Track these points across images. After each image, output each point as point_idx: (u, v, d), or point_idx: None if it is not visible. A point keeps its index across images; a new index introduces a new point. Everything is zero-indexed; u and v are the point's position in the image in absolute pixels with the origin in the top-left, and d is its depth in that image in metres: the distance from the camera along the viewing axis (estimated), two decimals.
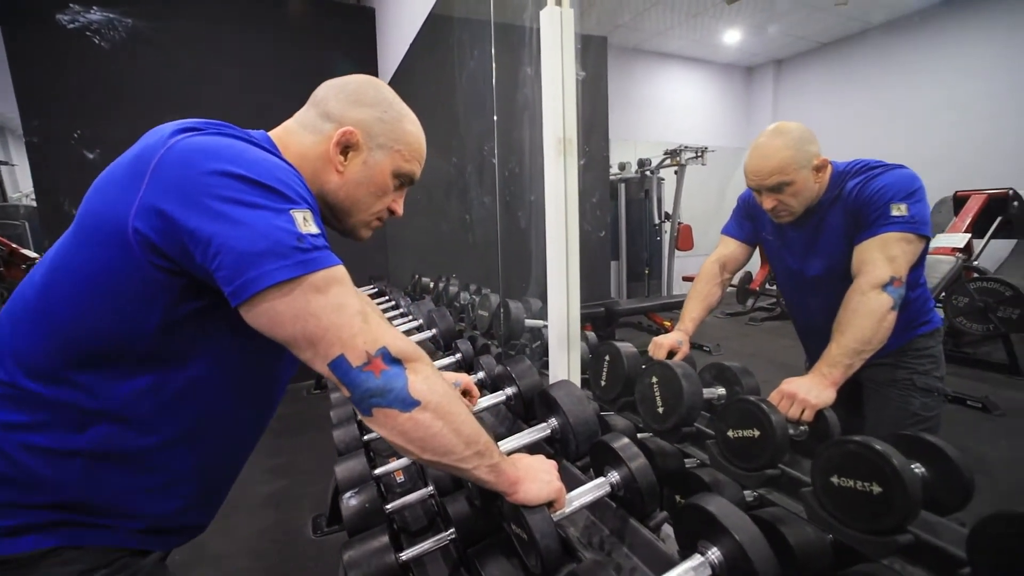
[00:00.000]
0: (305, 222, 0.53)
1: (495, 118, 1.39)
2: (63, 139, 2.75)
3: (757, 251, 1.45)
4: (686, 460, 1.01)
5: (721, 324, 5.12)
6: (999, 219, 3.48)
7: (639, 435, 1.09)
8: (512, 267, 1.61)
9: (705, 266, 1.41)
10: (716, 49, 6.03)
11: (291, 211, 0.53)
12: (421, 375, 0.56)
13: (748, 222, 1.41)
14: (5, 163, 4.30)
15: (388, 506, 1.10)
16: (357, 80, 0.72)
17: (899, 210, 1.05)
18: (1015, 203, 3.49)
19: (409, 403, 0.54)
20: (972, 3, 4.49)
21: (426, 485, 1.12)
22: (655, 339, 1.28)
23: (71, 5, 2.66)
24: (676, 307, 4.18)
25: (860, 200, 1.10)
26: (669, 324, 3.97)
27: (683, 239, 5.13)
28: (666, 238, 5.26)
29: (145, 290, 0.54)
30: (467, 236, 2.10)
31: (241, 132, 0.62)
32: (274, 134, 0.69)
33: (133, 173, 0.53)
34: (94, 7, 2.71)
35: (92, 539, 0.59)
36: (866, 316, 0.99)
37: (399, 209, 0.78)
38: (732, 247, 1.41)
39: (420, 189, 2.98)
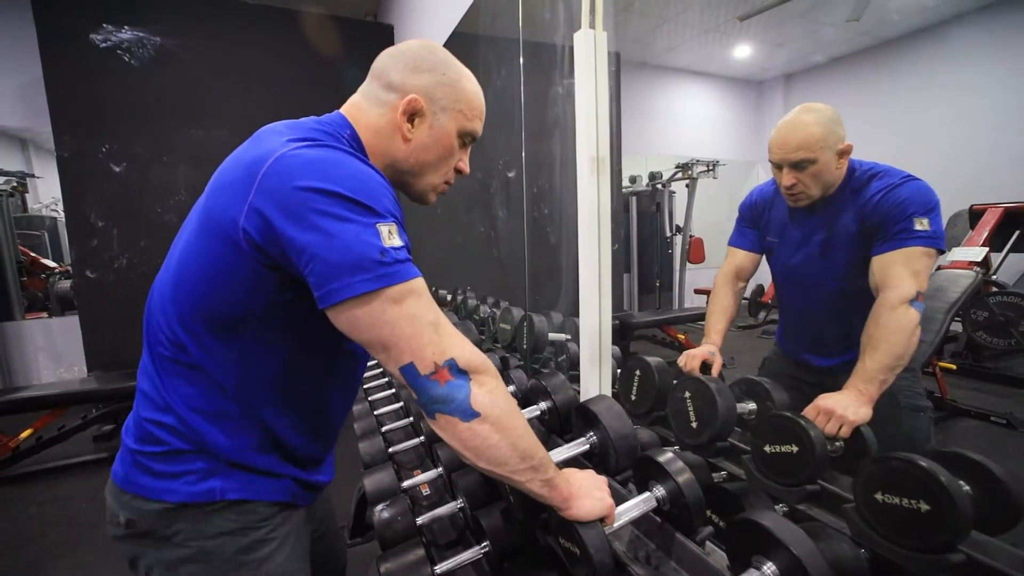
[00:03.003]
0: (390, 235, 0.57)
1: (523, 136, 1.41)
2: (91, 154, 2.83)
3: (767, 263, 1.47)
4: (712, 473, 1.02)
5: (734, 337, 5.10)
6: (1017, 232, 3.46)
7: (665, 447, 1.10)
8: (538, 281, 1.62)
9: (718, 279, 1.44)
10: (726, 64, 6.09)
11: (378, 225, 0.57)
12: (485, 388, 0.59)
13: (751, 229, 1.43)
14: (32, 176, 4.39)
15: (419, 519, 1.11)
16: (414, 46, 0.74)
17: (922, 224, 1.05)
18: None
19: (469, 414, 0.57)
20: (980, 19, 4.52)
21: (454, 498, 1.13)
22: (687, 352, 1.29)
23: (104, 25, 2.75)
24: (690, 320, 4.18)
25: (882, 209, 1.10)
26: (683, 337, 3.97)
27: (695, 252, 5.13)
28: (677, 251, 5.26)
29: (255, 280, 0.61)
30: (491, 250, 2.12)
31: (332, 131, 0.68)
32: (346, 112, 0.73)
33: (247, 177, 0.59)
34: (125, 27, 2.80)
35: (255, 493, 0.70)
36: (899, 332, 1.00)
37: (465, 168, 0.81)
38: (740, 257, 1.43)
39: (439, 203, 3.02)
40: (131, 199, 2.92)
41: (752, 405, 1.10)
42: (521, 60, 1.43)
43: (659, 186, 5.17)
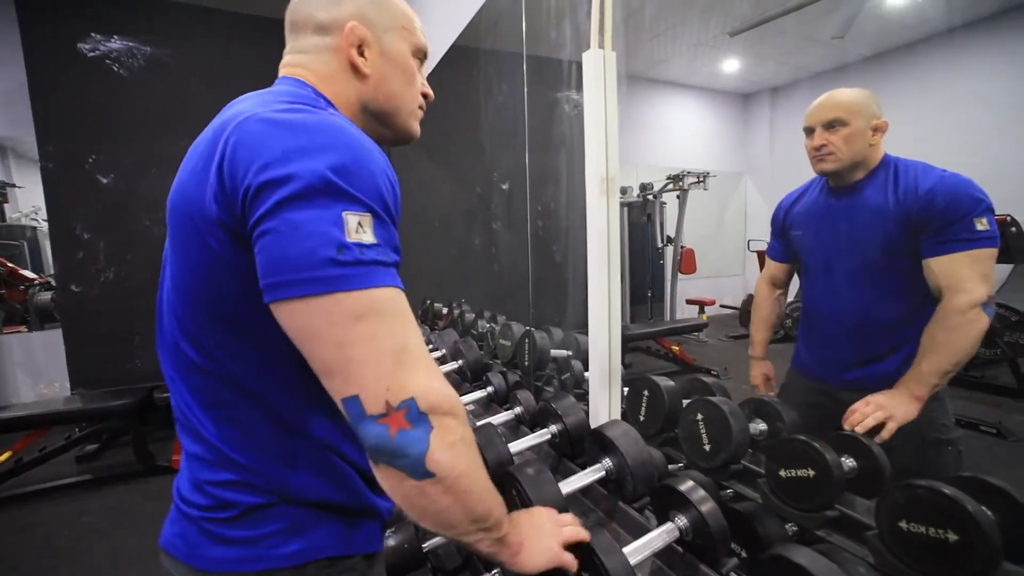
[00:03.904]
0: (359, 228, 0.45)
1: (527, 152, 1.41)
2: (77, 164, 2.77)
3: (758, 272, 1.53)
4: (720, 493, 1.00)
5: (726, 347, 5.13)
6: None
7: (670, 467, 1.09)
8: (540, 297, 1.61)
9: (759, 289, 1.54)
10: (714, 77, 6.19)
11: (345, 212, 0.45)
12: (448, 440, 0.47)
13: (782, 238, 1.46)
14: (12, 185, 4.28)
15: (425, 545, 1.08)
16: None
17: (983, 225, 1.03)
18: (1012, 228, 3.57)
19: (421, 473, 0.46)
20: (962, 38, 4.66)
21: None
22: (754, 381, 1.48)
23: (92, 34, 2.70)
24: (684, 331, 4.20)
25: (937, 202, 1.07)
26: (678, 349, 3.98)
27: (686, 263, 5.18)
28: (669, 261, 5.30)
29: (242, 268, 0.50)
30: (490, 265, 2.11)
31: (298, 96, 0.57)
32: (291, 73, 0.64)
33: (208, 155, 0.50)
34: (115, 36, 2.75)
35: (346, 545, 0.60)
36: (967, 337, 1.00)
37: (429, 90, 0.73)
38: (772, 267, 1.51)
39: (433, 215, 3.01)
40: (118, 211, 2.86)
41: (763, 425, 1.09)
42: (525, 76, 1.43)
43: (650, 197, 5.21)
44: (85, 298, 2.82)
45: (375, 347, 0.45)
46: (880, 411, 0.94)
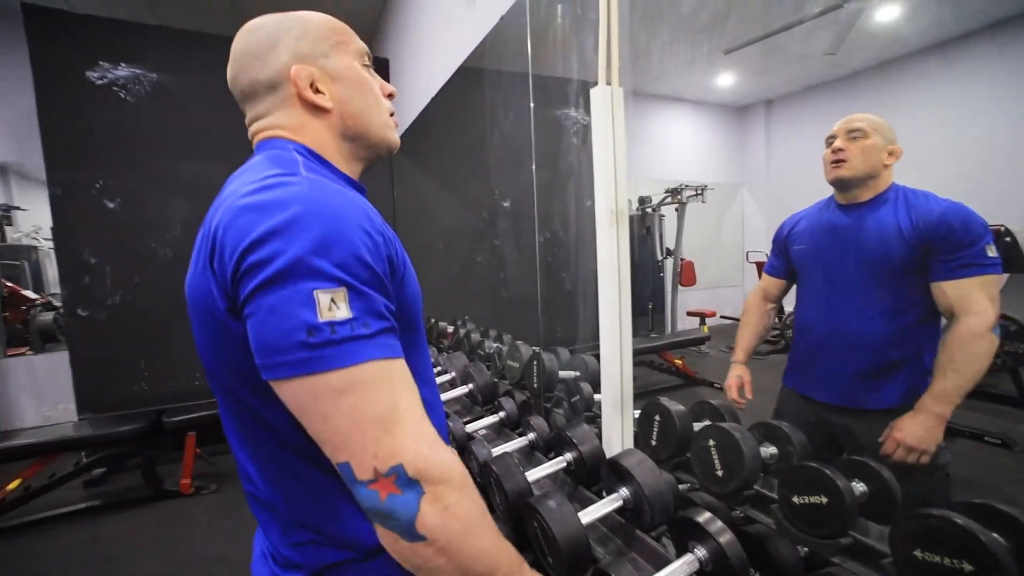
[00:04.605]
0: (332, 306, 0.46)
1: (535, 184, 1.44)
2: (85, 189, 2.80)
3: (757, 279, 1.58)
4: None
5: (727, 358, 5.14)
6: None
7: (681, 487, 1.11)
8: (548, 317, 1.64)
9: (749, 299, 1.60)
10: (709, 91, 6.29)
11: (316, 292, 0.45)
12: (440, 505, 0.48)
13: (782, 256, 1.52)
14: (17, 208, 4.31)
15: None
16: (239, 43, 0.66)
17: (992, 251, 1.11)
18: (1007, 238, 3.62)
19: (412, 536, 0.47)
20: (954, 51, 4.76)
21: None
22: (728, 384, 1.52)
23: (100, 63, 2.75)
24: (686, 345, 4.22)
25: (946, 226, 1.13)
26: (680, 362, 3.99)
27: (686, 275, 5.22)
28: (669, 274, 5.34)
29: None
30: (499, 289, 2.14)
31: (283, 158, 0.58)
32: (269, 135, 0.65)
33: (204, 238, 0.53)
34: (121, 64, 2.80)
35: None
36: (983, 358, 1.07)
37: (389, 87, 0.73)
38: (769, 282, 1.58)
39: (438, 236, 3.05)
40: (125, 235, 2.88)
41: (773, 449, 1.11)
42: (532, 105, 1.47)
43: (649, 210, 5.27)
44: (92, 322, 2.83)
45: (358, 418, 0.47)
46: (912, 455, 1.02)
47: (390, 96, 0.73)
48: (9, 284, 4.21)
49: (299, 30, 0.65)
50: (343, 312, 0.46)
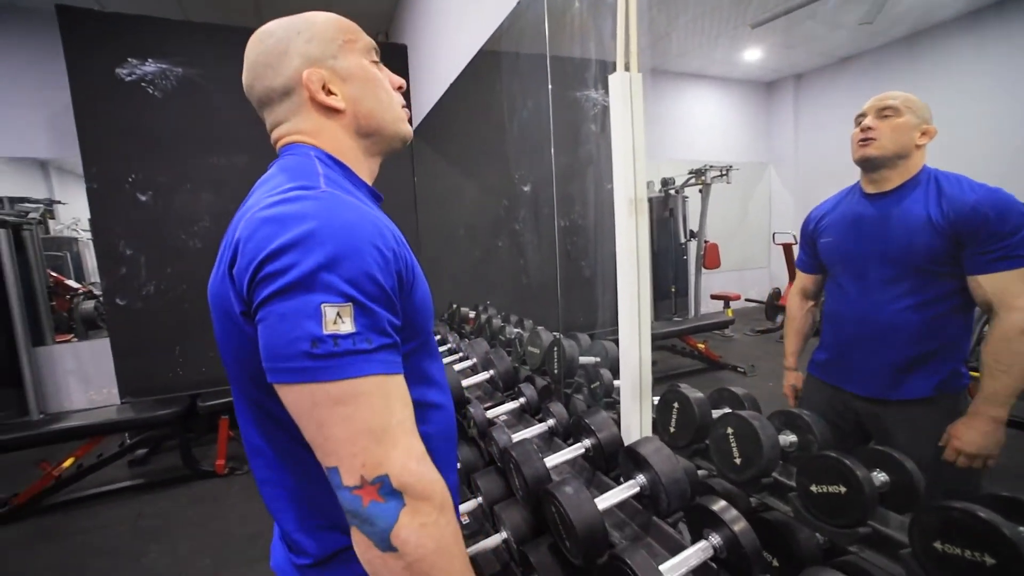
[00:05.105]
0: (338, 319, 0.48)
1: (553, 171, 1.44)
2: (119, 184, 2.90)
3: (784, 265, 1.56)
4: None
5: (752, 342, 5.07)
6: None
7: (699, 472, 1.12)
8: (568, 302, 1.65)
9: (791, 301, 1.58)
10: (735, 66, 6.07)
11: (324, 305, 0.48)
12: (417, 520, 0.49)
13: (810, 248, 1.48)
14: (58, 202, 4.52)
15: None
16: (252, 50, 0.68)
17: None
18: None
19: (386, 546, 0.49)
20: (991, 21, 4.46)
21: (497, 530, 1.15)
22: (785, 391, 1.54)
23: (129, 59, 2.82)
24: (707, 329, 4.17)
25: (984, 215, 1.08)
26: (703, 346, 3.96)
27: (710, 257, 5.12)
28: (692, 257, 5.26)
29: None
30: (519, 276, 2.15)
31: (304, 167, 0.60)
32: (292, 140, 0.67)
33: (227, 247, 0.56)
34: (149, 59, 2.87)
35: None
36: None
37: (398, 79, 0.74)
38: (804, 279, 1.54)
39: (459, 221, 3.07)
40: (157, 227, 2.99)
41: (793, 438, 1.11)
42: (550, 87, 1.45)
43: (672, 192, 5.17)
44: (129, 311, 2.96)
45: (351, 427, 0.49)
46: (975, 462, 1.01)
47: (399, 88, 0.74)
48: (54, 274, 4.42)
49: (307, 33, 0.66)
50: (347, 326, 0.49)
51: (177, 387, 3.06)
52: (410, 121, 0.76)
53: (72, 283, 4.65)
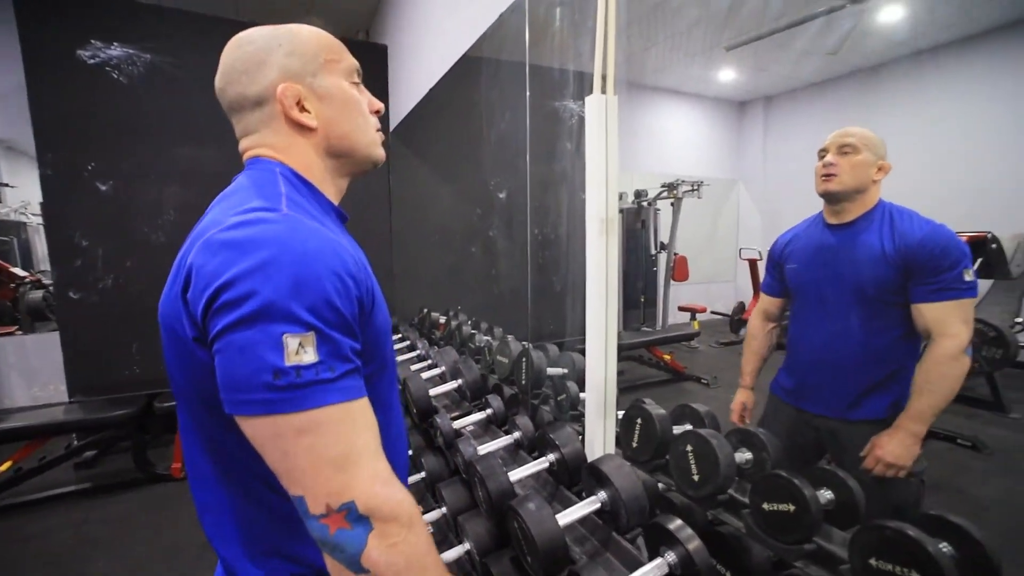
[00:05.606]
0: (300, 350, 0.47)
1: (528, 176, 1.46)
2: (76, 172, 2.77)
3: (749, 276, 1.63)
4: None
5: (716, 354, 5.23)
6: (979, 260, 3.67)
7: (659, 486, 1.16)
8: (537, 310, 1.66)
9: (752, 323, 1.63)
10: (710, 85, 6.27)
11: (285, 336, 0.47)
12: (386, 541, 0.50)
13: (776, 272, 1.55)
14: (6, 185, 4.26)
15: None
16: (228, 55, 0.66)
17: (969, 276, 1.16)
18: (993, 245, 3.68)
19: (357, 568, 0.50)
20: (951, 55, 4.77)
21: (461, 541, 1.16)
22: (733, 407, 1.57)
23: (92, 41, 2.70)
24: (674, 341, 4.28)
25: (927, 249, 1.18)
26: (668, 357, 4.06)
27: (679, 270, 5.26)
28: (662, 268, 5.38)
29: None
30: (490, 286, 2.16)
31: (266, 187, 0.59)
32: (255, 154, 0.65)
33: (177, 267, 0.55)
34: (115, 43, 2.76)
35: None
36: (957, 379, 1.13)
37: (377, 103, 0.73)
38: (768, 302, 1.60)
39: (433, 225, 3.05)
40: (118, 218, 2.87)
41: (749, 455, 1.15)
42: (528, 100, 1.47)
43: (644, 204, 5.28)
44: (83, 305, 2.83)
45: (315, 457, 0.48)
46: (891, 471, 1.09)
47: (377, 112, 0.73)
48: None
49: (289, 46, 0.64)
50: (310, 356, 0.48)
51: (132, 386, 2.94)
52: (385, 145, 0.76)
53: (18, 271, 4.38)
